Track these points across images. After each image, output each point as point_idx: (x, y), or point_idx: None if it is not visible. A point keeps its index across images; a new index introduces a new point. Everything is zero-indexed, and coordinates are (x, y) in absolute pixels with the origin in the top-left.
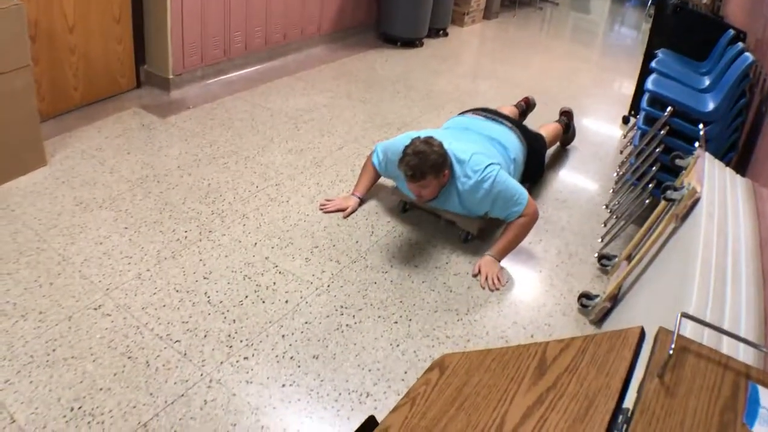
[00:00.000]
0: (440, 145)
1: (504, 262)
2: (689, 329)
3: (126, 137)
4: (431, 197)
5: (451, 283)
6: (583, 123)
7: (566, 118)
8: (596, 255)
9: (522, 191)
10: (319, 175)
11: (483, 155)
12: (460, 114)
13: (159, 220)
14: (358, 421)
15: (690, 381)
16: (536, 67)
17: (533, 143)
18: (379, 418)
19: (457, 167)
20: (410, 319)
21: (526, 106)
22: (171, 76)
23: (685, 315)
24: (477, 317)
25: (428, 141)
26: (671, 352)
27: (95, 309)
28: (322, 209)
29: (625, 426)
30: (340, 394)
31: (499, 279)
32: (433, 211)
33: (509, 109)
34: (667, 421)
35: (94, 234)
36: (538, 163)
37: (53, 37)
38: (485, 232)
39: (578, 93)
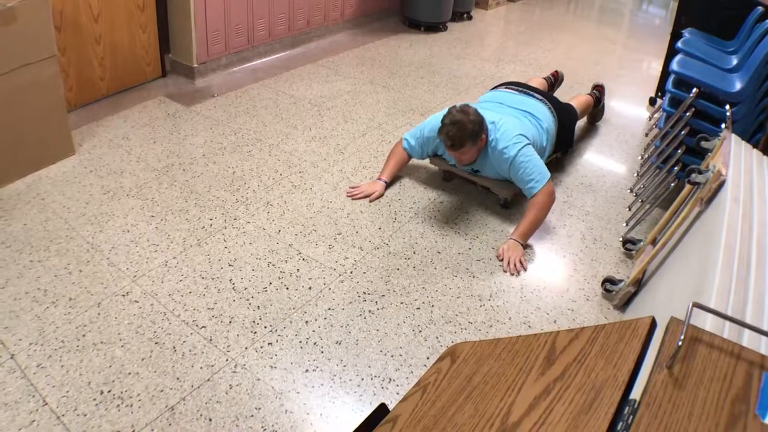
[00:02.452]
0: (476, 112)
1: (533, 240)
2: (709, 320)
3: (152, 126)
4: (472, 161)
5: (473, 269)
6: (610, 105)
7: (598, 92)
8: (621, 239)
9: (543, 171)
10: (342, 162)
11: (515, 126)
12: (492, 89)
13: (185, 208)
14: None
15: (700, 372)
16: (562, 49)
17: (563, 114)
18: None
19: (491, 132)
20: (433, 305)
21: (555, 79)
22: (195, 65)
23: (696, 305)
24: (500, 303)
25: (464, 110)
26: (680, 343)
27: (123, 296)
28: (349, 196)
29: (630, 417)
30: (362, 379)
31: (522, 263)
32: (471, 177)
33: (539, 81)
34: (673, 414)
35: (121, 222)
36: (568, 133)
37: (78, 27)
38: (521, 198)
39: (605, 75)
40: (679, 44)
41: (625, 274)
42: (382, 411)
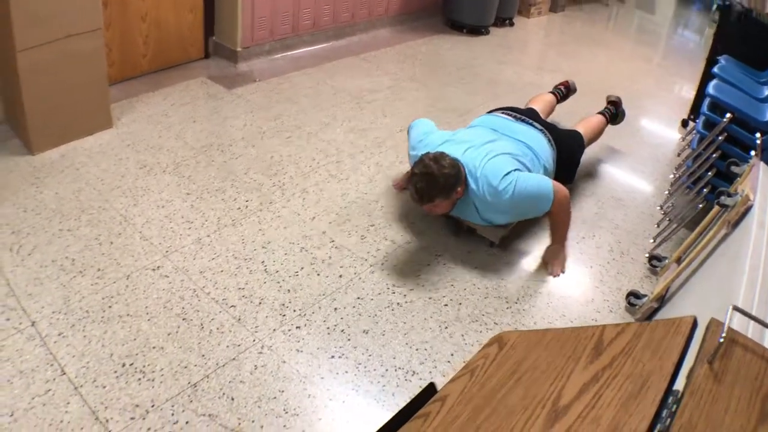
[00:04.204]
0: (451, 162)
1: None
2: (735, 323)
3: (192, 105)
4: (444, 212)
5: (503, 270)
6: (643, 124)
7: (613, 107)
8: (647, 255)
9: (545, 186)
10: (379, 155)
11: (504, 163)
12: (488, 112)
13: (221, 188)
14: (402, 397)
15: (735, 371)
16: (600, 64)
17: (564, 146)
18: None
19: (472, 182)
20: (460, 303)
21: (566, 90)
22: (239, 49)
23: (735, 308)
24: (526, 307)
25: (438, 159)
26: (721, 340)
27: (153, 270)
28: (396, 188)
29: (674, 406)
30: (386, 370)
31: (562, 264)
32: (455, 217)
33: (545, 99)
34: (713, 406)
35: (156, 197)
36: (569, 166)
37: (125, 4)
38: (509, 240)
39: (640, 93)
40: (716, 69)
41: (648, 289)
42: (430, 390)
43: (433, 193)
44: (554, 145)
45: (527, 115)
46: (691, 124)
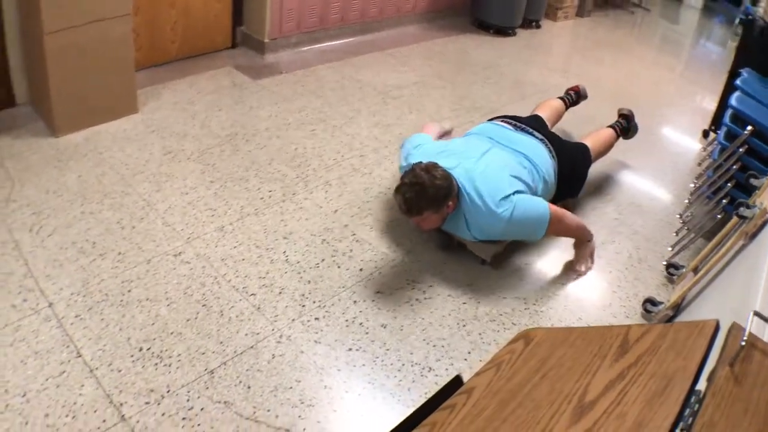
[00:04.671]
0: (444, 174)
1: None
2: (753, 329)
3: (218, 94)
4: (433, 228)
5: (522, 271)
6: (664, 132)
7: (625, 120)
8: (665, 263)
9: (542, 213)
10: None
11: (502, 181)
12: (488, 120)
13: (245, 177)
14: (418, 392)
15: (755, 374)
16: (624, 71)
17: (566, 158)
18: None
19: (465, 197)
20: (479, 302)
21: (576, 96)
22: (266, 40)
23: (756, 314)
24: (543, 308)
25: (430, 169)
26: (743, 343)
27: (175, 255)
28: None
29: (697, 406)
30: (403, 365)
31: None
32: (446, 232)
33: (553, 105)
34: (733, 407)
35: (180, 184)
36: (573, 181)
37: None
38: (502, 258)
39: (662, 102)
40: (738, 82)
41: (665, 297)
42: (456, 382)
43: (422, 205)
44: (555, 155)
45: (528, 124)
46: (712, 135)
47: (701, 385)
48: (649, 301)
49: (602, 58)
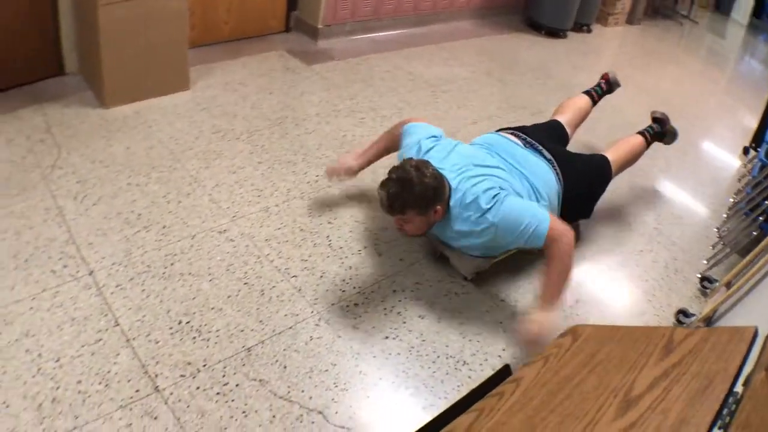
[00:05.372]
0: (435, 174)
1: (617, 263)
2: None
3: (270, 77)
4: (417, 234)
5: None
6: (705, 145)
7: (658, 125)
8: (699, 275)
9: (539, 214)
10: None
11: (492, 182)
12: (498, 131)
13: (293, 160)
14: (451, 385)
15: None
16: (669, 81)
17: (579, 179)
18: (470, 388)
19: (456, 207)
20: (517, 301)
21: (607, 84)
22: (320, 26)
23: None
24: (580, 312)
25: (420, 167)
26: None
27: (220, 233)
28: (329, 174)
29: (734, 406)
30: (438, 356)
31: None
32: (430, 241)
33: (577, 105)
34: (767, 409)
35: (228, 163)
36: (580, 203)
37: None
38: (486, 276)
39: (705, 114)
40: None
41: (697, 309)
42: (505, 372)
43: (407, 202)
44: (562, 179)
45: (539, 139)
46: (752, 152)
47: (739, 387)
48: (682, 312)
49: (648, 66)
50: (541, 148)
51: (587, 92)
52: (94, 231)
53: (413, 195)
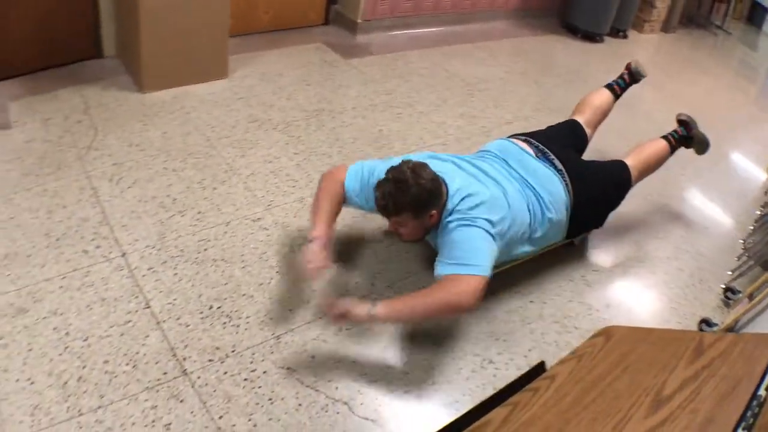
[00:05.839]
0: (432, 177)
1: (645, 270)
2: None
3: (307, 69)
4: (412, 239)
5: (589, 277)
6: (733, 158)
7: (683, 129)
8: (723, 286)
9: (477, 261)
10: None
11: (491, 207)
12: (510, 137)
13: (328, 153)
14: (475, 382)
15: None
16: (701, 90)
17: (591, 190)
18: (494, 386)
19: (450, 211)
20: (545, 302)
21: (630, 76)
22: (359, 20)
23: None
24: (606, 316)
25: (417, 169)
26: None
27: (254, 221)
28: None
29: (757, 409)
30: (465, 354)
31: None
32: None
33: (598, 102)
34: None
35: (264, 152)
36: (596, 211)
37: None
38: (514, 276)
39: (734, 125)
40: None
41: (720, 319)
42: (540, 368)
43: (403, 203)
44: (572, 191)
45: (552, 146)
46: None
47: (762, 391)
48: (705, 322)
49: (681, 74)
50: (552, 157)
51: (609, 85)
52: (129, 213)
53: (409, 195)
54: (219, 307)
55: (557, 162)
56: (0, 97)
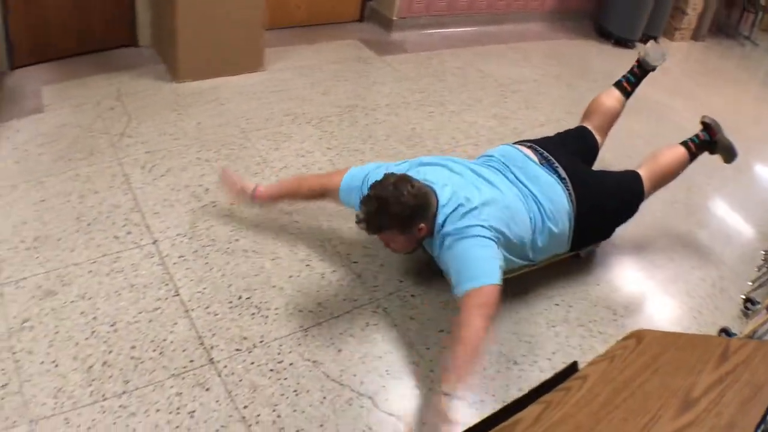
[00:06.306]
0: (417, 192)
1: (668, 277)
2: None
3: (342, 65)
4: (406, 251)
5: (616, 282)
6: (758, 169)
7: (706, 134)
8: (743, 296)
9: (482, 272)
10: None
11: (484, 209)
12: (514, 143)
13: (361, 149)
14: (500, 382)
15: None
16: (729, 100)
17: (597, 201)
18: (518, 387)
19: (441, 223)
20: (571, 306)
21: (640, 69)
22: (395, 18)
23: None
24: (629, 322)
25: (400, 184)
26: None
27: (286, 213)
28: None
29: None
30: (490, 354)
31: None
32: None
33: (607, 106)
34: None
35: (297, 146)
36: (604, 220)
37: None
38: (542, 278)
39: (761, 137)
40: None
41: (739, 329)
42: (572, 368)
43: (383, 222)
44: (575, 200)
45: (558, 154)
46: None
47: None
48: (724, 331)
49: (709, 83)
50: (557, 165)
51: (618, 83)
52: (161, 201)
53: (389, 215)
54: (248, 298)
55: (561, 170)
56: (33, 81)
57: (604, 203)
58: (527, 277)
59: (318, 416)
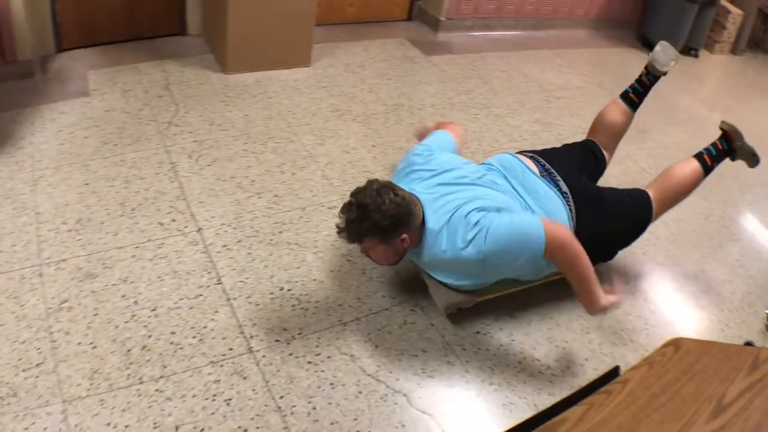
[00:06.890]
0: (400, 201)
1: (700, 290)
2: None
3: (389, 63)
4: (384, 263)
5: (648, 291)
6: None
7: (725, 142)
8: (766, 311)
9: (527, 224)
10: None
11: (471, 214)
12: (516, 153)
13: (405, 147)
14: (532, 387)
15: None
16: (763, 116)
17: (596, 220)
18: (549, 392)
19: (428, 235)
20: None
21: (649, 77)
22: (442, 18)
23: None
24: (659, 332)
25: (382, 191)
26: None
27: (329, 208)
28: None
29: None
30: (525, 357)
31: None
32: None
33: (612, 121)
34: None
35: (343, 142)
36: (606, 241)
37: None
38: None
39: None
40: None
41: (762, 343)
42: (614, 373)
43: (362, 231)
44: (574, 216)
45: (560, 167)
46: None
47: None
48: (749, 345)
49: (747, 99)
50: (558, 178)
51: (624, 94)
52: (207, 190)
53: (368, 223)
54: (289, 290)
55: (562, 184)
56: (80, 65)
57: (606, 222)
58: (564, 284)
59: (352, 410)
